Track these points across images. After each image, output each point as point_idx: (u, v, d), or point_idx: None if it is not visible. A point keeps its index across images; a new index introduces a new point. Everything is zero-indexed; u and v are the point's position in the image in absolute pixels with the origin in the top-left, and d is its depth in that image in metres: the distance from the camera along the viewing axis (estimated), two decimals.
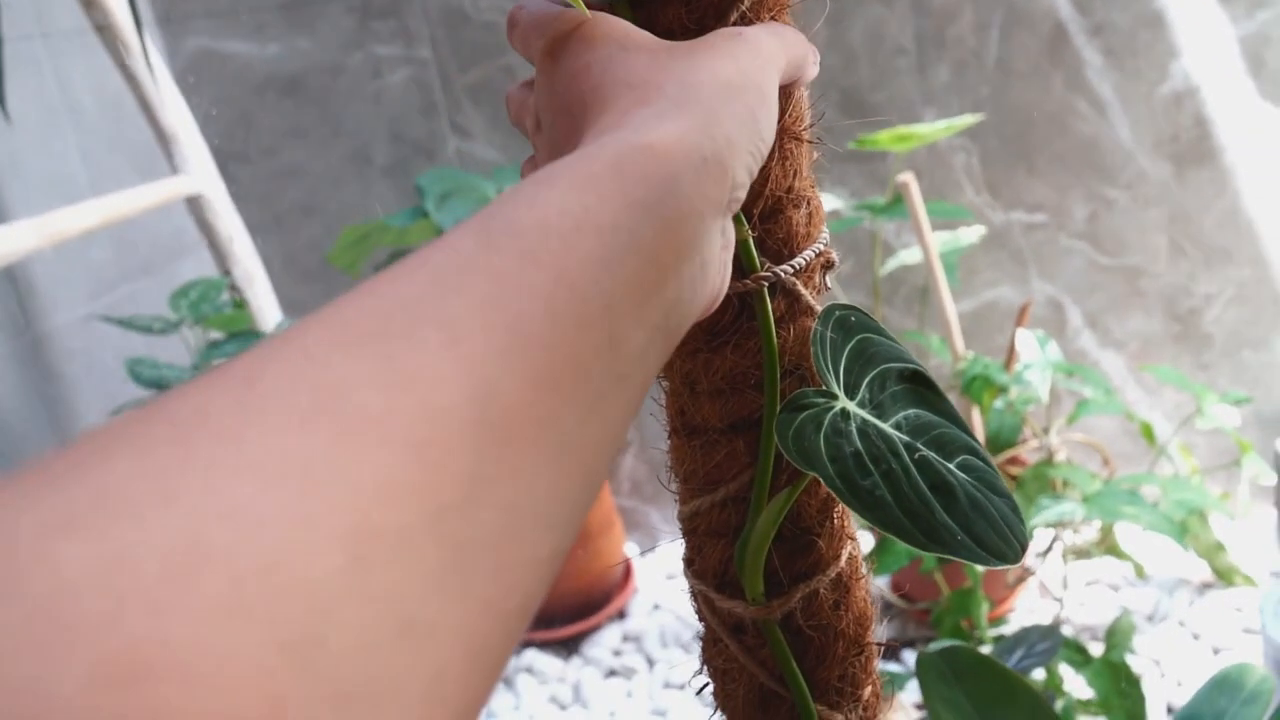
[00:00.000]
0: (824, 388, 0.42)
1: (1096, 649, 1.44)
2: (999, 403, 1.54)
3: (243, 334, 1.29)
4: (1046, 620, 1.67)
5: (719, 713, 0.50)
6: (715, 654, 0.49)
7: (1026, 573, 1.58)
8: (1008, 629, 1.57)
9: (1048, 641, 1.24)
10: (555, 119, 0.37)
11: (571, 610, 1.90)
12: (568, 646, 1.88)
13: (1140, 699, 1.30)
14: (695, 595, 0.49)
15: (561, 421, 0.24)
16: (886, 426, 0.42)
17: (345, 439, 0.19)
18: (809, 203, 0.44)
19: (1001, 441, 1.57)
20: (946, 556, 0.39)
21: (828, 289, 0.46)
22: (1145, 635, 1.64)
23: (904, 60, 1.77)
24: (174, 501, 0.17)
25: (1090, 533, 1.63)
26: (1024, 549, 0.42)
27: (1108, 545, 1.60)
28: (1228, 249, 1.77)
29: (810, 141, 0.43)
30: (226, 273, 1.45)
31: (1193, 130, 1.72)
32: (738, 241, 0.42)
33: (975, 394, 1.51)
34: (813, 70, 0.42)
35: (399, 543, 0.19)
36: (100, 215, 1.24)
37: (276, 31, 1.89)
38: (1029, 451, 1.60)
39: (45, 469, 0.18)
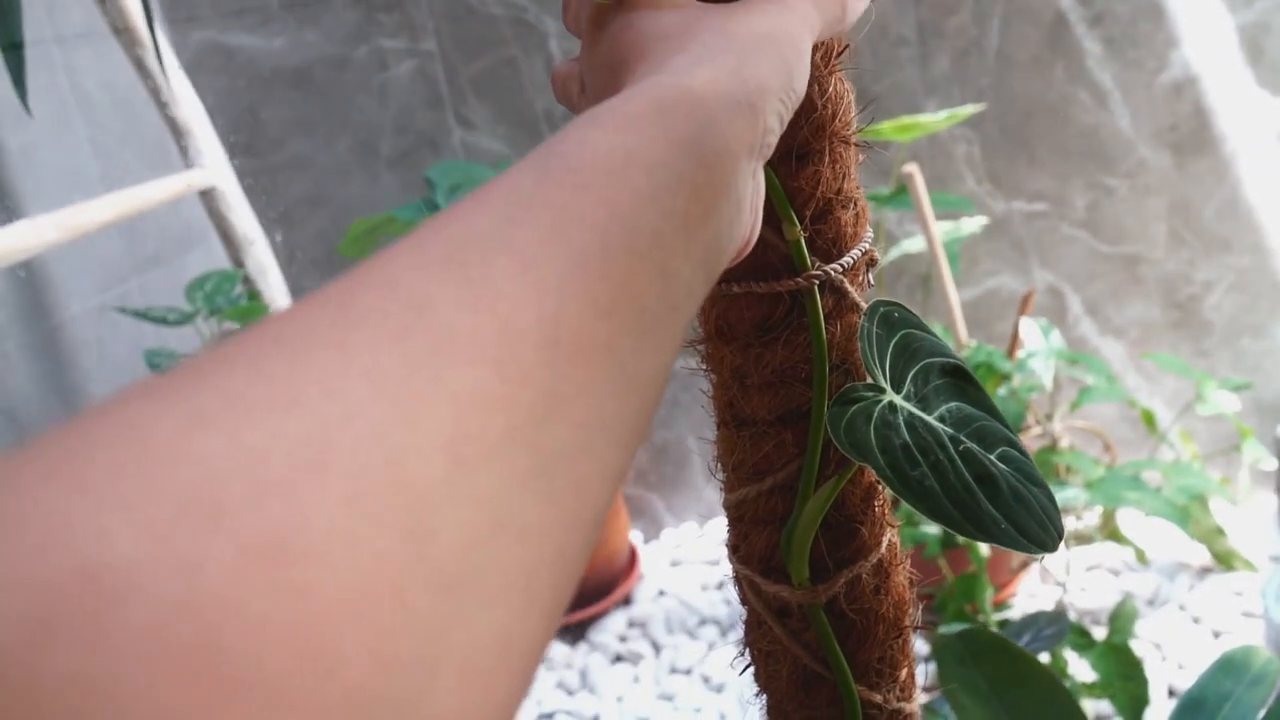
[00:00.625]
0: (871, 382, 0.43)
1: (1098, 633, 1.47)
2: (1002, 390, 1.56)
3: None
4: (1048, 604, 1.70)
5: (762, 693, 0.52)
6: (759, 637, 0.50)
7: (1030, 558, 1.60)
8: (1011, 614, 1.59)
9: (1054, 626, 1.26)
10: (597, 77, 0.39)
11: (578, 597, 1.92)
12: (574, 632, 1.90)
13: (1143, 682, 1.33)
14: (740, 580, 0.50)
15: (620, 347, 0.25)
16: (931, 419, 0.44)
17: (437, 353, 0.21)
18: (856, 204, 0.45)
19: None
20: (992, 544, 0.41)
21: (871, 285, 0.48)
22: (1146, 619, 1.66)
23: (905, 50, 1.78)
24: (296, 404, 0.19)
25: (1092, 518, 1.65)
26: (1061, 537, 0.44)
27: (1109, 530, 1.63)
28: (1227, 237, 1.79)
29: (858, 145, 0.45)
30: (239, 265, 1.46)
31: (1192, 119, 1.74)
32: (790, 241, 0.44)
33: None
34: (858, 9, 0.43)
35: (492, 450, 0.21)
36: (117, 209, 1.25)
37: (282, 25, 1.89)
38: (1033, 438, 1.62)
39: (169, 380, 0.19)
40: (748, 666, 0.52)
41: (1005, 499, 0.42)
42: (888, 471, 0.40)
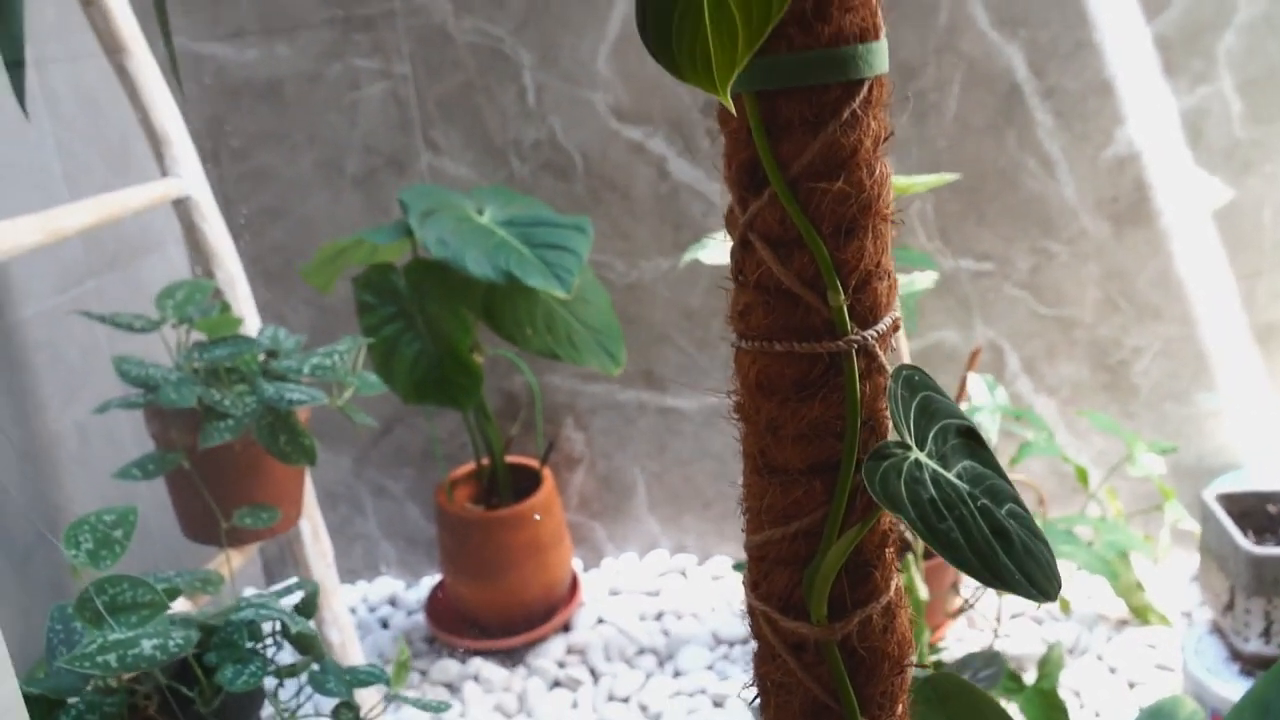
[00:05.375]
0: (899, 439, 0.48)
1: (1022, 678, 1.53)
2: None
3: (229, 339, 1.31)
4: (976, 648, 1.76)
5: None
6: (772, 669, 0.54)
7: (968, 604, 1.66)
8: (943, 655, 1.65)
9: (990, 669, 1.32)
10: None
11: (518, 621, 1.93)
12: (513, 657, 1.91)
13: None
14: (757, 615, 0.54)
15: None
16: (952, 476, 0.48)
17: None
18: (889, 275, 0.50)
19: None
20: (1005, 591, 0.46)
21: (894, 349, 0.52)
22: (1067, 668, 1.73)
23: None
24: None
25: None
26: (1060, 587, 0.49)
27: None
28: (1158, 307, 1.88)
29: (896, 223, 0.49)
30: (209, 275, 1.46)
31: (1132, 193, 1.83)
32: (833, 308, 0.48)
33: None
34: None
35: None
36: (96, 214, 1.25)
37: (255, 38, 1.90)
38: None
39: None
40: (757, 698, 0.56)
41: (1018, 552, 0.47)
42: (919, 524, 0.45)
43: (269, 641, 1.15)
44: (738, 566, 1.68)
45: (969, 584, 1.71)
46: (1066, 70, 1.78)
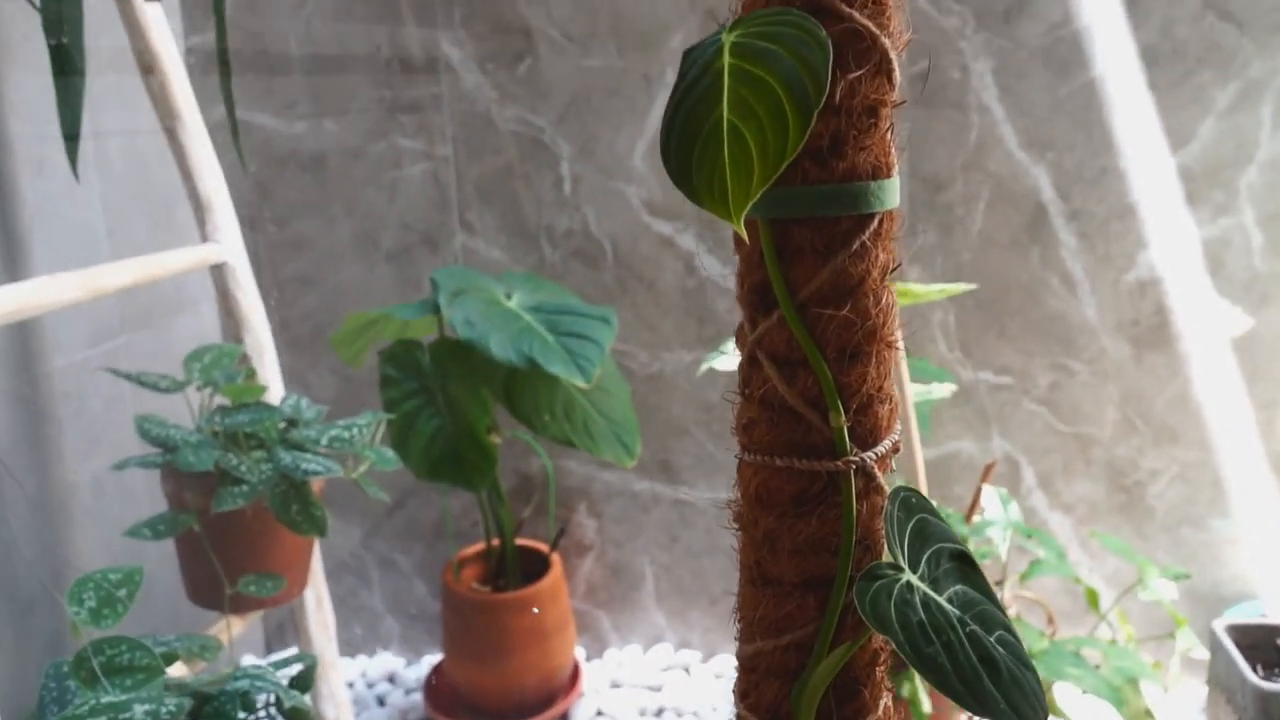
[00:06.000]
0: (892, 560, 0.49)
1: None
2: None
3: (251, 406, 1.34)
4: None
5: None
6: None
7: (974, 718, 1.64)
8: None
9: None
10: None
11: (517, 708, 1.92)
12: None
13: None
14: None
15: None
16: (943, 600, 0.49)
17: None
18: (891, 399, 0.51)
19: None
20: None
21: (893, 470, 0.53)
22: None
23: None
24: None
25: None
26: (1046, 717, 0.49)
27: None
28: (1175, 430, 1.88)
29: (899, 348, 0.51)
30: (239, 340, 1.49)
31: (1153, 317, 1.85)
32: (834, 429, 0.49)
33: None
34: None
35: None
36: (136, 274, 1.29)
37: (305, 110, 1.96)
38: None
39: None
40: None
41: (1004, 680, 0.47)
42: (906, 647, 0.45)
43: (262, 714, 1.15)
44: None
45: None
46: (1091, 194, 1.81)
